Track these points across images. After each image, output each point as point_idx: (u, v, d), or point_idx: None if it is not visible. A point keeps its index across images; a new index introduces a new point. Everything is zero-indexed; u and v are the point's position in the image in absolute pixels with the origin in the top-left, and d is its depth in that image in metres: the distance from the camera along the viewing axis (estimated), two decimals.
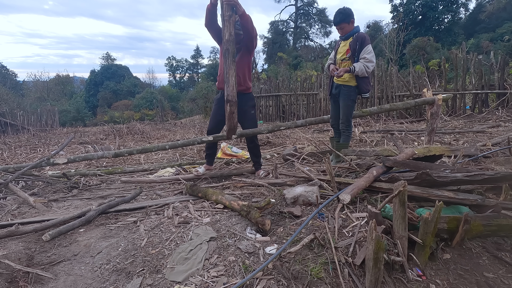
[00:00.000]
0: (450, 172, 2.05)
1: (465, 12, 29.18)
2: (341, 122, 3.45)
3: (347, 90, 3.37)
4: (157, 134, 8.94)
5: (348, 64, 3.30)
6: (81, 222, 2.19)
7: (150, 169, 4.15)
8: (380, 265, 1.45)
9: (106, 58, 43.99)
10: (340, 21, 3.26)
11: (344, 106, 3.42)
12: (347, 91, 3.37)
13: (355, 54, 3.24)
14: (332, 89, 3.56)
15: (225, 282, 1.56)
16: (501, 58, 7.71)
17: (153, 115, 21.30)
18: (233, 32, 2.73)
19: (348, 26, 3.27)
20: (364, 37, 3.22)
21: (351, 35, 3.29)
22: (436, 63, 15.93)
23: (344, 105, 3.42)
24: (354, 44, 3.24)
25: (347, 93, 3.37)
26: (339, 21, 3.26)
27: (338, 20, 3.26)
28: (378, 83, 9.13)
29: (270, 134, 6.90)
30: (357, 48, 3.22)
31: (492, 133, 5.42)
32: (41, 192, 3.19)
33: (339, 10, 3.28)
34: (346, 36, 3.31)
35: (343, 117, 3.45)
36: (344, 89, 3.39)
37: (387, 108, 3.89)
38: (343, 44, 3.39)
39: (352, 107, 3.44)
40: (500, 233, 1.87)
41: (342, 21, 3.25)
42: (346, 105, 3.40)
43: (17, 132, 11.33)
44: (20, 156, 6.17)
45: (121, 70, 38.25)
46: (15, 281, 1.66)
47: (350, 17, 3.25)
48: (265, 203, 2.11)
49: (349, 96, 3.37)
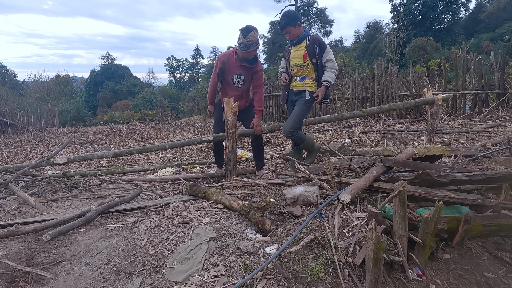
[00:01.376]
0: (450, 172, 2.05)
1: (465, 12, 29.20)
2: (290, 128, 3.11)
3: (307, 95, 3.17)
4: (157, 134, 8.94)
5: (309, 70, 3.14)
6: (81, 222, 2.19)
7: (150, 169, 4.15)
8: (380, 265, 1.45)
9: (106, 58, 44.03)
10: (285, 25, 3.07)
11: (298, 109, 3.15)
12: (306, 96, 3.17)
13: (317, 58, 3.06)
14: (291, 97, 3.31)
15: (225, 282, 1.56)
16: (501, 58, 7.71)
17: (153, 115, 21.30)
18: (235, 145, 3.13)
19: (295, 29, 3.07)
20: (321, 40, 3.10)
21: (302, 39, 3.10)
22: (436, 63, 15.92)
23: (299, 109, 3.15)
24: (311, 47, 3.05)
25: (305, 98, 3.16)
26: (284, 25, 3.07)
27: (283, 24, 3.08)
28: (378, 83, 9.13)
29: (270, 134, 6.90)
30: (317, 52, 3.04)
31: (492, 133, 5.42)
32: (41, 192, 3.19)
33: (283, 13, 3.12)
34: (297, 40, 3.11)
35: (291, 121, 3.13)
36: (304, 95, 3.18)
37: (387, 108, 3.88)
38: (295, 49, 3.18)
39: (305, 114, 3.21)
40: (500, 233, 1.87)
41: (287, 25, 3.05)
42: (301, 109, 3.15)
43: (17, 132, 11.32)
44: (20, 156, 6.17)
45: (121, 70, 38.25)
46: (15, 281, 1.66)
47: (295, 20, 3.05)
48: (265, 203, 2.11)
49: (306, 102, 3.15)
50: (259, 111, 3.31)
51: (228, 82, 3.33)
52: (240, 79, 3.30)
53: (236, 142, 3.13)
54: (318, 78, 3.11)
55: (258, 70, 3.30)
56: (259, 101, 3.31)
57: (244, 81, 3.32)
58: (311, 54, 3.07)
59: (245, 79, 3.31)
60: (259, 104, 3.31)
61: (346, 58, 25.49)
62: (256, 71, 3.30)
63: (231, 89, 3.35)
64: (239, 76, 3.29)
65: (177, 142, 3.68)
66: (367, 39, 32.44)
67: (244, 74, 3.29)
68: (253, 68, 3.27)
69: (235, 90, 3.34)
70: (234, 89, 3.33)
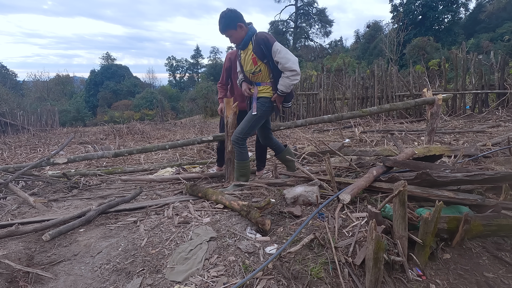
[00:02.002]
0: (450, 172, 2.05)
1: (465, 12, 29.22)
2: (236, 130, 2.82)
3: (263, 101, 2.81)
4: (157, 134, 8.94)
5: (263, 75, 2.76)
6: (81, 222, 2.19)
7: (150, 169, 4.15)
8: (380, 265, 1.45)
9: (106, 58, 44.02)
10: (223, 29, 2.67)
11: (250, 114, 2.80)
12: (262, 101, 2.80)
13: (268, 60, 2.67)
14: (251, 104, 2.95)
15: (225, 282, 1.56)
16: (501, 58, 7.72)
17: (153, 115, 21.31)
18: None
19: (237, 32, 2.66)
20: (265, 37, 2.63)
21: (247, 41, 2.69)
22: (436, 63, 15.94)
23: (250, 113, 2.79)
24: (258, 49, 2.65)
25: (262, 103, 2.79)
26: (223, 29, 2.67)
27: (221, 28, 2.68)
28: (378, 83, 9.13)
29: None
30: (265, 53, 2.64)
31: (492, 133, 5.43)
32: (41, 192, 3.19)
33: (220, 15, 2.66)
34: (242, 44, 2.72)
35: (242, 125, 2.79)
36: (260, 99, 2.83)
37: (387, 108, 3.88)
38: (243, 53, 2.80)
39: (259, 121, 2.82)
40: (500, 233, 1.87)
41: (227, 28, 2.65)
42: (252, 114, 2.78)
43: (17, 132, 11.33)
44: (20, 156, 6.17)
45: (121, 70, 38.25)
46: (15, 281, 1.66)
47: (234, 21, 2.62)
48: (265, 203, 2.11)
49: (261, 107, 2.78)
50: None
51: (234, 81, 3.28)
52: None
53: None
54: (275, 80, 2.73)
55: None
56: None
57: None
58: (261, 57, 2.67)
59: None
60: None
61: (346, 58, 25.52)
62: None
63: (238, 88, 3.20)
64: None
65: (177, 142, 3.68)
66: (367, 39, 32.45)
67: None
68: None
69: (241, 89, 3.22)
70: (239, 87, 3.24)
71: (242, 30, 2.68)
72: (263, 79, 2.81)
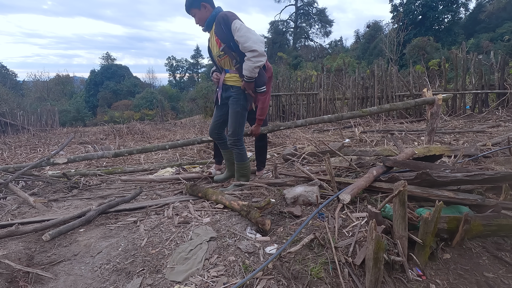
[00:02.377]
0: (450, 172, 2.05)
1: (465, 12, 29.20)
2: (228, 134, 2.77)
3: (235, 92, 2.68)
4: (157, 134, 8.94)
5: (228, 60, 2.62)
6: (81, 222, 2.19)
7: (150, 169, 4.15)
8: (380, 265, 1.45)
9: (106, 58, 43.99)
10: (188, 7, 2.59)
11: (232, 113, 2.71)
12: (236, 94, 2.67)
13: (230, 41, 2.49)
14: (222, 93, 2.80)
15: (225, 282, 1.56)
16: (501, 58, 7.72)
17: (153, 115, 21.30)
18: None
19: (201, 12, 2.56)
20: (225, 15, 2.48)
21: (211, 22, 2.57)
22: (436, 63, 15.94)
23: (232, 111, 2.71)
24: (219, 30, 2.50)
25: (236, 97, 2.68)
26: (187, 8, 2.59)
27: (186, 7, 2.60)
28: (378, 83, 9.13)
29: (270, 134, 6.90)
30: (226, 32, 2.48)
31: (492, 133, 5.43)
32: (41, 192, 3.18)
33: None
34: (206, 25, 2.62)
35: (230, 127, 2.73)
36: (233, 91, 2.69)
37: (387, 108, 3.87)
38: (210, 36, 2.69)
39: (243, 115, 2.74)
40: (500, 233, 1.87)
41: (190, 7, 2.57)
42: (235, 112, 2.70)
43: (17, 132, 11.32)
44: (20, 156, 6.17)
45: (121, 70, 38.23)
46: (15, 281, 1.66)
47: (199, 0, 2.53)
48: (265, 203, 2.11)
49: (238, 100, 2.67)
50: (259, 120, 3.07)
51: None
52: None
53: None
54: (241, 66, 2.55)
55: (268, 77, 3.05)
56: (261, 110, 3.10)
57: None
58: (223, 38, 2.51)
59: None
60: (260, 112, 3.08)
61: (346, 58, 25.52)
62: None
63: None
64: None
65: (177, 142, 3.68)
66: (367, 39, 32.44)
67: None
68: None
69: None
70: None
71: (207, 11, 2.56)
72: (230, 66, 2.65)
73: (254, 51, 2.38)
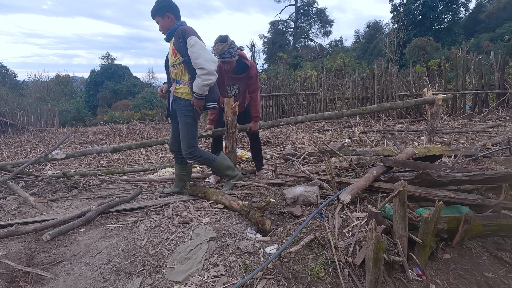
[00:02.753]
0: (450, 172, 2.05)
1: (465, 12, 29.18)
2: (183, 149, 2.72)
3: (183, 104, 2.65)
4: (157, 134, 8.94)
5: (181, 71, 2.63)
6: (81, 222, 2.19)
7: (150, 169, 4.16)
8: (380, 265, 1.45)
9: (106, 58, 43.94)
10: (153, 13, 2.63)
11: (183, 126, 2.67)
12: (184, 106, 2.65)
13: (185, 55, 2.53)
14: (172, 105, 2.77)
15: (225, 282, 1.56)
16: (501, 58, 7.72)
17: (153, 115, 21.27)
18: (235, 145, 3.09)
19: (164, 21, 2.61)
20: (184, 30, 2.52)
21: (172, 32, 2.60)
22: (436, 63, 15.94)
23: (183, 124, 2.67)
24: (177, 42, 2.54)
25: (184, 108, 2.65)
26: (152, 13, 2.63)
27: (152, 12, 2.63)
28: (378, 83, 9.14)
29: (270, 134, 6.91)
30: (182, 45, 2.51)
31: (492, 133, 5.43)
32: (41, 192, 3.19)
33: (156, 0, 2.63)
34: (167, 35, 2.66)
35: (184, 141, 2.70)
36: (181, 103, 2.66)
37: (387, 107, 3.90)
38: (169, 46, 2.71)
39: (194, 126, 2.70)
40: (500, 233, 1.87)
41: (155, 14, 2.61)
42: (185, 124, 2.66)
43: (17, 132, 11.33)
44: (20, 156, 6.17)
45: (121, 70, 38.21)
46: (15, 281, 1.66)
47: (163, 10, 2.57)
48: (265, 203, 2.11)
49: (186, 112, 2.65)
50: (256, 117, 3.19)
51: (223, 93, 3.18)
52: (234, 89, 3.19)
53: (236, 142, 3.12)
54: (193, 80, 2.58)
55: (253, 75, 3.12)
56: (254, 107, 3.19)
57: (239, 90, 3.20)
58: (179, 50, 2.55)
59: (239, 88, 3.20)
60: (255, 110, 3.18)
61: (346, 58, 25.52)
62: (250, 77, 3.12)
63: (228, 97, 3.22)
64: (233, 87, 3.18)
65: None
66: (367, 39, 32.43)
67: (238, 83, 3.17)
68: (246, 75, 3.11)
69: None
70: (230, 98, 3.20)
71: (170, 21, 2.61)
72: (182, 77, 2.65)
73: (203, 69, 2.44)
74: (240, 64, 3.08)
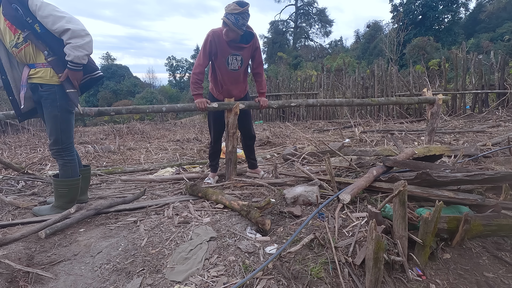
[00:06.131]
0: (450, 172, 2.05)
1: (465, 12, 29.20)
2: (50, 144, 2.21)
3: (47, 92, 2.07)
4: (157, 134, 8.94)
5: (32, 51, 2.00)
6: (81, 216, 2.19)
7: (150, 169, 4.16)
8: (380, 265, 1.45)
9: (106, 58, 43.98)
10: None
11: (50, 118, 2.12)
12: (48, 94, 2.07)
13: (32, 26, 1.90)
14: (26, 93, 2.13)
15: (225, 282, 1.56)
16: (501, 58, 7.72)
17: (153, 115, 21.28)
18: (236, 145, 3.02)
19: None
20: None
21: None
22: (436, 63, 15.95)
23: (49, 116, 2.12)
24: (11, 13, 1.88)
25: (49, 97, 2.07)
26: None
27: None
28: (378, 83, 9.14)
29: (270, 134, 6.91)
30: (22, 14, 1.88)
31: (492, 133, 5.43)
32: (41, 192, 3.18)
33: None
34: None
35: (51, 136, 2.16)
36: (43, 91, 2.07)
37: (394, 101, 4.12)
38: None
39: (65, 118, 2.16)
40: (500, 233, 1.87)
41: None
42: (52, 116, 2.11)
43: (17, 132, 11.32)
44: (20, 156, 6.17)
45: (121, 70, 38.25)
46: (15, 281, 1.66)
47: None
48: (265, 203, 2.11)
49: (53, 102, 2.07)
50: (263, 93, 2.95)
51: (220, 66, 2.76)
52: (236, 60, 2.74)
53: (237, 142, 3.12)
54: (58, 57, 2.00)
55: (258, 46, 2.83)
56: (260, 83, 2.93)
57: (242, 62, 2.77)
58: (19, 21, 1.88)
59: (242, 59, 2.76)
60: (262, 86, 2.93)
61: (346, 58, 25.52)
62: (256, 47, 2.81)
63: (225, 74, 2.80)
64: (236, 57, 2.72)
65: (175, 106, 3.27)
66: (367, 39, 32.44)
67: (241, 53, 2.74)
68: (252, 45, 2.75)
69: (230, 75, 2.80)
70: (229, 73, 2.78)
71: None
72: (35, 58, 2.02)
73: (69, 30, 1.85)
74: (245, 32, 2.65)
